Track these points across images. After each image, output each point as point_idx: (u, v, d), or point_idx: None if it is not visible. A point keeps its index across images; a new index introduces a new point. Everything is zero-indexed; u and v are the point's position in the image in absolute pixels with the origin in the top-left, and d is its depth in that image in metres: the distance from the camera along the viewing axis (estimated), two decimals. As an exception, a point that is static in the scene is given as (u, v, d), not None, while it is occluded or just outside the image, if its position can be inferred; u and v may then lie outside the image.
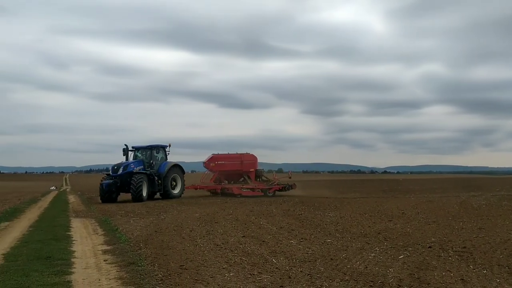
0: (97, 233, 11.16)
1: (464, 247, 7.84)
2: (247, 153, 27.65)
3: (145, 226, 11.81)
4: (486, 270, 6.18)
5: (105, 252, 8.38)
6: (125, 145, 24.02)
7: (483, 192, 26.71)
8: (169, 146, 24.76)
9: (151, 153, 23.85)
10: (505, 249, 7.59)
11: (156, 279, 6.02)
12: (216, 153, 27.37)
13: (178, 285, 5.75)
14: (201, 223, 12.15)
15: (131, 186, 21.71)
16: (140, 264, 6.95)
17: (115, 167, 22.86)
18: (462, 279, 5.72)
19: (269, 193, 25.23)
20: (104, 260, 7.54)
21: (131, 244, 8.93)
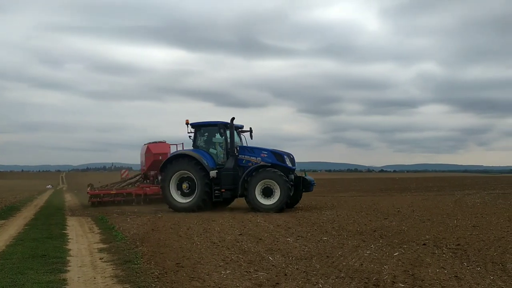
0: (93, 232, 11.17)
1: (458, 245, 7.90)
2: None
3: (142, 225, 11.82)
4: (480, 267, 6.23)
5: (101, 250, 8.39)
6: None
7: (478, 191, 26.84)
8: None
9: None
10: (499, 247, 7.65)
11: (152, 277, 6.03)
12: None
13: (174, 282, 5.77)
14: (198, 221, 12.16)
15: None
16: (136, 262, 6.96)
17: None
18: (456, 276, 5.77)
19: None
20: (100, 258, 7.55)
21: (128, 242, 8.94)
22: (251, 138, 17.00)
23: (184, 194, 15.78)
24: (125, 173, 24.07)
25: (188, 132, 16.64)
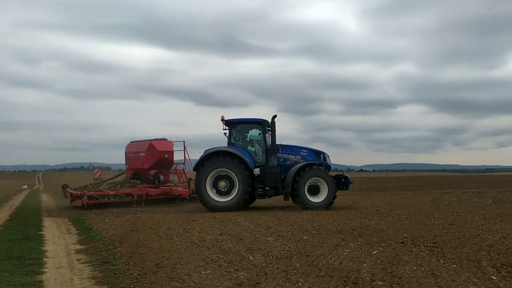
0: (70, 232, 10.98)
1: (435, 243, 8.05)
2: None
3: (120, 225, 11.67)
4: (456, 265, 6.36)
5: (78, 251, 8.26)
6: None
7: (454, 190, 27.44)
8: None
9: None
10: (474, 244, 7.83)
11: (131, 278, 5.96)
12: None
13: (154, 283, 5.72)
14: (178, 221, 12.07)
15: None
16: (114, 263, 6.87)
17: None
18: (433, 273, 5.88)
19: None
20: (77, 260, 7.43)
21: (106, 243, 8.81)
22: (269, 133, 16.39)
23: (219, 193, 15.24)
24: (98, 173, 23.12)
25: (224, 129, 16.02)
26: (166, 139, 19.99)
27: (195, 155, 20.04)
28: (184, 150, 19.76)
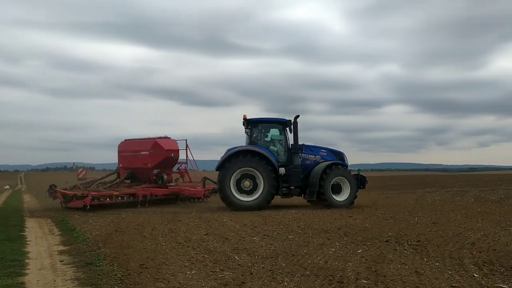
0: (53, 233, 10.81)
1: (419, 241, 8.15)
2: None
3: (104, 226, 11.53)
4: (439, 263, 6.45)
5: (61, 252, 8.13)
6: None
7: (437, 189, 27.82)
8: None
9: None
10: (457, 242, 7.95)
11: (115, 279, 5.89)
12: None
13: (138, 284, 5.66)
14: (163, 221, 11.99)
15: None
16: (98, 264, 6.78)
17: None
18: (416, 271, 5.95)
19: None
20: (60, 261, 7.31)
21: (89, 244, 8.70)
22: (290, 133, 16.22)
23: (243, 192, 15.20)
24: (82, 173, 22.58)
25: (247, 128, 16.07)
26: (169, 138, 19.42)
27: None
28: (186, 149, 19.42)
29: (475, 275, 5.74)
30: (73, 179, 24.26)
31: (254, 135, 15.90)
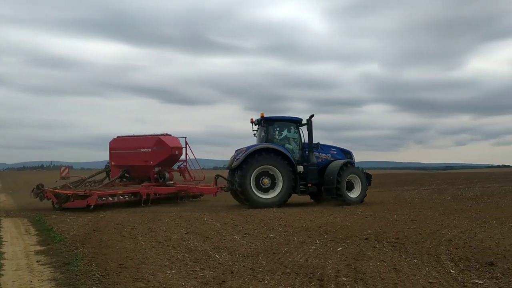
0: (29, 233, 10.58)
1: (398, 238, 8.27)
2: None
3: (82, 225, 11.35)
4: (417, 259, 6.56)
5: (38, 252, 7.97)
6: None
7: (416, 187, 28.29)
8: None
9: None
10: (434, 239, 8.10)
11: (93, 279, 5.80)
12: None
13: (117, 284, 5.59)
14: (143, 220, 11.86)
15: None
16: (76, 265, 6.67)
17: None
18: (395, 268, 6.03)
19: None
20: (37, 261, 7.17)
21: (67, 244, 8.55)
22: (307, 131, 16.46)
23: (261, 190, 15.34)
24: (65, 171, 22.06)
25: (260, 125, 16.25)
26: (170, 135, 18.97)
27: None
28: (186, 147, 19.07)
29: (451, 271, 5.86)
30: (50, 178, 23.77)
31: (270, 133, 16.08)
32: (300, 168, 15.74)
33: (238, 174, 15.28)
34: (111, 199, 16.11)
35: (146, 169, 18.45)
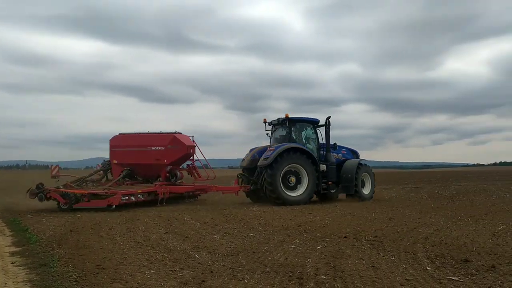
0: (4, 234, 10.32)
1: (376, 236, 8.39)
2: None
3: (59, 226, 11.12)
4: (394, 257, 6.67)
5: (13, 254, 7.78)
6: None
7: (394, 185, 28.76)
8: None
9: None
10: (411, 237, 8.25)
11: (70, 281, 5.70)
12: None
13: (94, 285, 5.50)
14: (121, 220, 11.71)
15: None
16: (52, 266, 6.53)
17: None
18: (373, 266, 6.12)
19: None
20: (12, 263, 6.99)
21: (43, 245, 8.36)
22: (326, 132, 17.10)
23: (288, 188, 15.84)
24: (55, 169, 21.15)
25: (281, 125, 16.93)
26: (181, 133, 18.25)
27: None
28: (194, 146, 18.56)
29: (428, 268, 5.97)
30: (29, 177, 23.17)
31: (293, 133, 16.66)
32: (323, 167, 16.56)
33: (268, 173, 15.61)
34: (133, 198, 15.56)
35: (157, 168, 17.72)
